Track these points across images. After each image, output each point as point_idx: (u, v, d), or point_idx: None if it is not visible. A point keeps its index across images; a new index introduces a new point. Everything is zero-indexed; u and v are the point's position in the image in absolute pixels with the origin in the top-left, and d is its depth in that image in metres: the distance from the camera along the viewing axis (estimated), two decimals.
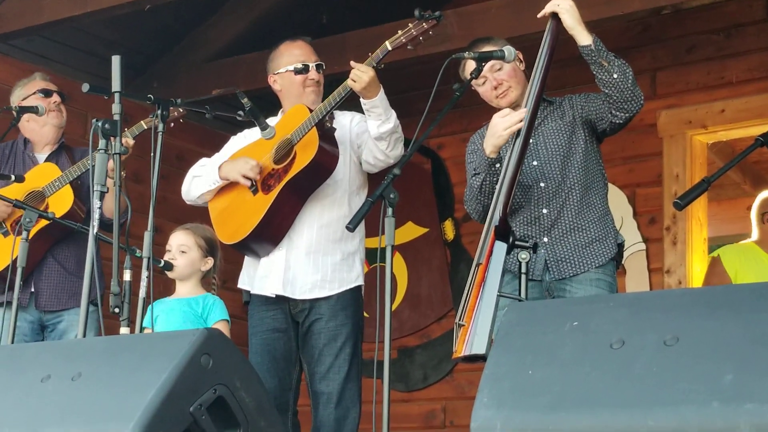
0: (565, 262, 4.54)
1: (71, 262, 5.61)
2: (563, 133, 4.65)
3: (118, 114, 4.25)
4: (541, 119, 4.68)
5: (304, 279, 4.94)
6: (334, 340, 4.89)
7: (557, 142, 4.64)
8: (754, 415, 2.48)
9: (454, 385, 7.24)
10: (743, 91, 6.60)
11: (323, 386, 4.89)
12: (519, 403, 2.77)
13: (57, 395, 3.33)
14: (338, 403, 4.86)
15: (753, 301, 2.69)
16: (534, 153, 4.64)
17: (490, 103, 4.75)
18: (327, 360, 4.89)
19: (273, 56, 5.26)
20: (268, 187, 4.98)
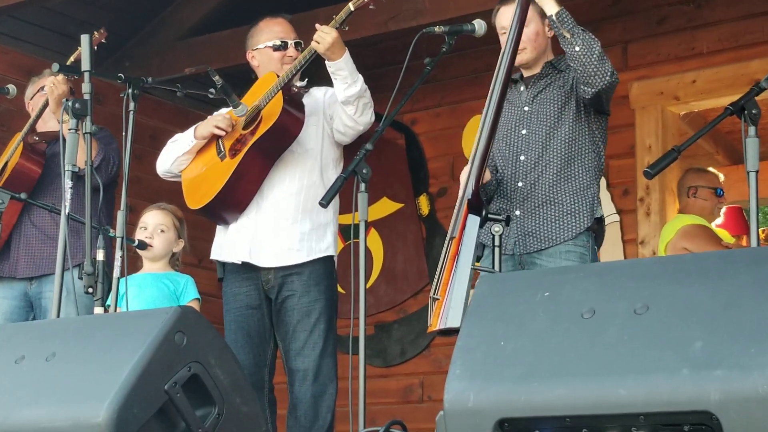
0: (533, 236, 4.54)
1: (50, 226, 5.55)
2: (556, 103, 4.63)
3: (88, 93, 4.24)
4: (545, 86, 4.67)
5: (270, 246, 4.93)
6: (307, 316, 4.88)
7: (547, 111, 4.62)
8: (723, 381, 2.50)
9: (432, 360, 7.26)
10: (714, 61, 6.61)
11: (298, 363, 4.88)
12: (491, 374, 2.79)
13: (31, 376, 3.33)
14: (315, 380, 4.86)
15: (722, 269, 2.71)
16: (526, 121, 4.64)
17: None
18: (301, 336, 4.89)
19: (252, 32, 5.25)
20: (235, 152, 4.98)
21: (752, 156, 3.80)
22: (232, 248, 5.00)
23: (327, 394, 4.88)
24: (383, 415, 4.66)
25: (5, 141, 6.45)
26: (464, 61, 6.94)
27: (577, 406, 2.66)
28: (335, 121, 4.98)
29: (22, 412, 3.24)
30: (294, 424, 4.87)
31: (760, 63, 6.40)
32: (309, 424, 4.85)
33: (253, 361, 4.95)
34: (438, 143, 7.48)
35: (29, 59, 6.85)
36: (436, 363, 7.15)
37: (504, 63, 4.38)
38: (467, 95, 7.04)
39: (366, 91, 4.89)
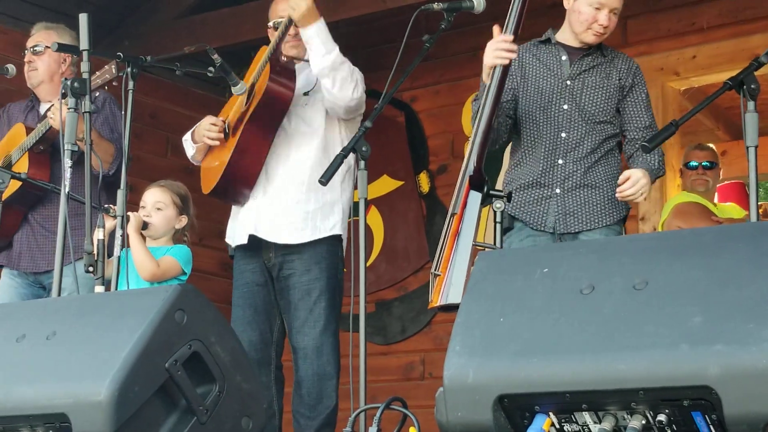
0: (574, 216, 4.58)
1: (51, 222, 5.58)
2: (601, 90, 4.69)
3: (87, 72, 4.23)
4: (590, 66, 4.70)
5: (274, 224, 4.94)
6: (308, 295, 4.89)
7: (593, 95, 4.67)
8: (722, 356, 2.50)
9: (433, 337, 7.27)
10: (714, 36, 6.60)
11: (299, 340, 4.89)
12: (491, 350, 2.79)
13: (32, 354, 3.34)
14: (316, 358, 4.86)
15: (720, 244, 2.71)
16: (568, 96, 4.65)
17: (570, 25, 4.70)
18: (301, 314, 4.89)
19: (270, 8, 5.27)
20: (236, 131, 5.00)
21: (751, 131, 3.80)
22: (241, 230, 5.02)
23: (329, 372, 4.88)
24: (384, 393, 4.66)
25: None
26: (463, 38, 6.92)
27: (576, 382, 2.67)
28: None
29: (23, 390, 3.24)
30: (299, 402, 4.88)
31: (760, 38, 6.39)
32: (314, 402, 4.86)
33: (260, 338, 4.96)
34: (438, 120, 7.47)
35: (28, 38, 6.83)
36: (437, 340, 7.16)
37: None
38: (467, 72, 7.03)
39: (343, 65, 4.86)
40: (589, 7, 4.62)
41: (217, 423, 3.28)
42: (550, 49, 4.74)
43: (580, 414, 2.71)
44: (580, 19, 4.65)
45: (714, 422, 2.56)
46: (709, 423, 2.57)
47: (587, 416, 2.70)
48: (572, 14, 4.68)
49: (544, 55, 4.72)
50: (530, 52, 4.75)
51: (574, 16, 4.67)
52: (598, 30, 4.65)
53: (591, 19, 4.63)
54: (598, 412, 2.68)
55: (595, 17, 4.63)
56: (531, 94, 4.67)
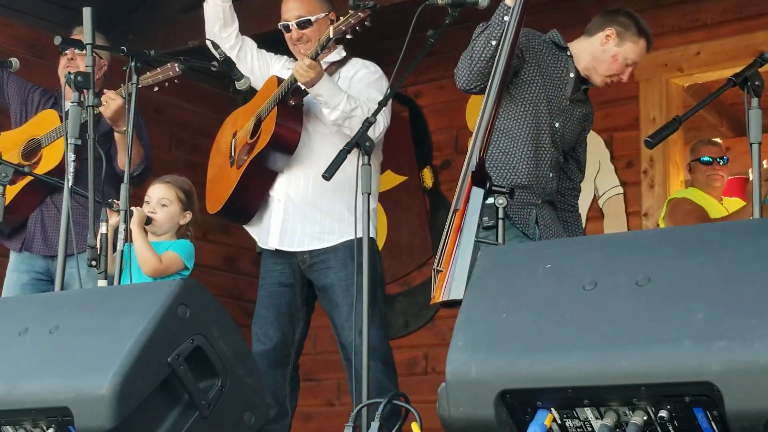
0: (549, 229, 4.59)
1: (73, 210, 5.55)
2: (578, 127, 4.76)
3: (90, 66, 4.23)
4: (580, 99, 4.74)
5: (301, 231, 4.92)
6: (347, 291, 4.82)
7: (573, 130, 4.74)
8: (725, 353, 2.50)
9: (436, 332, 7.27)
10: (718, 33, 6.60)
11: (345, 337, 4.85)
12: (493, 345, 2.79)
13: (35, 348, 3.34)
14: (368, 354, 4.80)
15: (723, 240, 2.71)
16: (562, 117, 4.67)
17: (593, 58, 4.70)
18: (344, 311, 4.84)
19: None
20: (241, 163, 5.01)
21: (755, 128, 3.80)
22: (266, 235, 5.02)
23: (380, 365, 4.83)
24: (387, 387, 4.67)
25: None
26: (468, 33, 6.86)
27: (578, 378, 2.67)
28: None
29: (26, 384, 3.25)
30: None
31: (764, 34, 6.39)
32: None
33: (282, 338, 4.95)
34: (442, 116, 7.47)
35: (32, 32, 6.85)
36: (440, 335, 7.17)
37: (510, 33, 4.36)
38: None
39: (354, 111, 4.83)
40: (624, 63, 4.66)
41: (219, 417, 3.28)
42: (564, 59, 4.71)
43: (581, 410, 2.71)
44: (609, 66, 4.67)
45: (716, 418, 2.56)
46: (710, 419, 2.57)
47: (589, 412, 2.71)
48: (603, 54, 4.66)
49: (557, 61, 4.69)
50: (548, 47, 4.70)
51: (604, 56, 4.66)
52: (612, 82, 4.74)
53: (618, 72, 4.68)
54: (599, 408, 2.68)
55: (621, 71, 4.68)
56: (538, 85, 4.63)
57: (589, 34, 4.74)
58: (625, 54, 4.66)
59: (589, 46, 4.71)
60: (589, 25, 4.78)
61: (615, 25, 4.66)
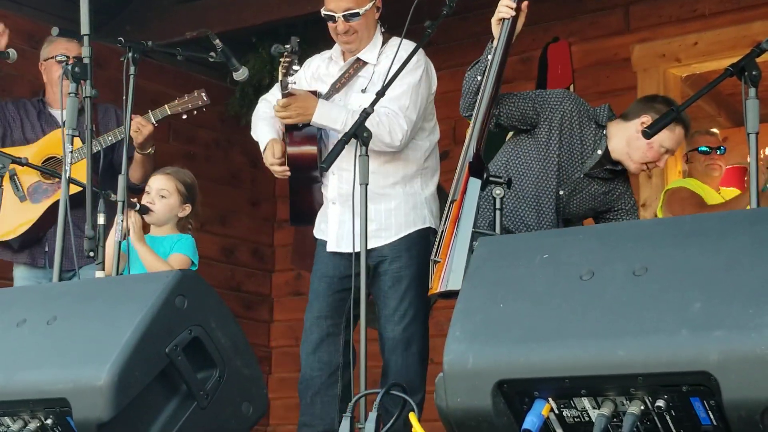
0: None
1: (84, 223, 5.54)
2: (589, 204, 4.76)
3: (87, 57, 4.23)
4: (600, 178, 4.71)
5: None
6: (398, 282, 4.76)
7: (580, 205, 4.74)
8: (722, 342, 2.50)
9: (433, 323, 7.20)
10: (716, 23, 6.59)
11: (387, 330, 4.78)
12: (491, 336, 2.79)
13: (33, 339, 3.34)
14: (404, 350, 4.77)
15: (720, 230, 2.71)
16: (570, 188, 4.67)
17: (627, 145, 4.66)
18: (391, 303, 4.77)
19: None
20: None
21: (752, 118, 3.80)
22: (324, 231, 4.95)
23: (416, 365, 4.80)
24: None
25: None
26: (465, 24, 6.91)
27: (575, 368, 2.67)
28: None
29: (24, 375, 3.25)
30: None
31: (762, 24, 6.38)
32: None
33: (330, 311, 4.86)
34: (439, 107, 7.41)
35: (29, 23, 6.83)
36: (438, 326, 7.12)
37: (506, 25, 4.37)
38: (469, 58, 6.94)
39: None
40: (659, 150, 4.64)
41: (217, 408, 3.29)
42: (599, 135, 4.69)
43: (579, 399, 2.71)
44: (644, 154, 4.65)
45: (713, 408, 2.56)
46: (707, 409, 2.57)
47: (586, 402, 2.71)
48: (638, 141, 4.61)
49: (588, 134, 4.68)
50: (586, 119, 4.68)
51: (639, 143, 4.62)
52: (648, 168, 4.75)
53: (653, 159, 4.66)
54: (597, 398, 2.69)
55: (657, 159, 4.66)
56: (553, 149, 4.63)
57: (626, 119, 4.70)
58: (661, 142, 4.61)
59: (625, 130, 4.67)
60: (627, 110, 4.75)
61: (652, 112, 4.60)
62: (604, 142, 4.65)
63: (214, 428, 3.30)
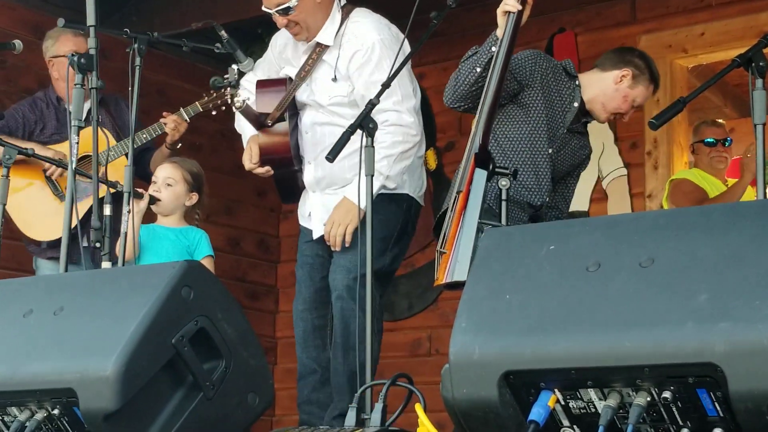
0: None
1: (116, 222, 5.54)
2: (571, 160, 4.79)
3: (93, 48, 4.23)
4: (579, 131, 4.76)
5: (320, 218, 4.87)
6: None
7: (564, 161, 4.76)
8: (728, 334, 2.50)
9: (439, 314, 7.27)
10: (723, 13, 6.57)
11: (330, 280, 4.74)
12: (497, 327, 2.79)
13: (39, 329, 3.35)
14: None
15: (726, 222, 2.71)
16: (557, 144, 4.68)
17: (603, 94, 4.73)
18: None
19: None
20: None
21: (759, 109, 3.79)
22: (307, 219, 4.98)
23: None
24: (391, 369, 4.65)
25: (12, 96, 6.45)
26: (472, 14, 6.90)
27: (582, 359, 2.67)
28: None
29: (31, 365, 3.26)
30: None
31: None
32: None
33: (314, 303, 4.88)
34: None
35: (35, 15, 6.83)
36: (444, 317, 7.17)
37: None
38: None
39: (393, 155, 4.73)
40: (631, 103, 4.74)
41: (223, 399, 3.29)
42: (572, 87, 4.72)
43: (585, 391, 2.71)
44: (619, 105, 4.73)
45: (719, 399, 2.56)
46: (714, 400, 2.57)
47: (592, 393, 2.71)
48: (615, 92, 4.71)
49: (564, 88, 4.70)
50: (557, 72, 4.71)
51: (616, 95, 4.71)
52: (614, 119, 4.83)
53: (625, 111, 4.76)
54: (603, 389, 2.69)
55: (627, 111, 4.76)
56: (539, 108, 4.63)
57: (603, 69, 4.76)
58: (635, 96, 4.73)
59: (601, 81, 4.74)
60: (602, 60, 4.81)
61: (631, 66, 4.71)
62: (578, 92, 4.71)
63: (221, 419, 3.31)
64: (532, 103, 4.60)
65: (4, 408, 3.35)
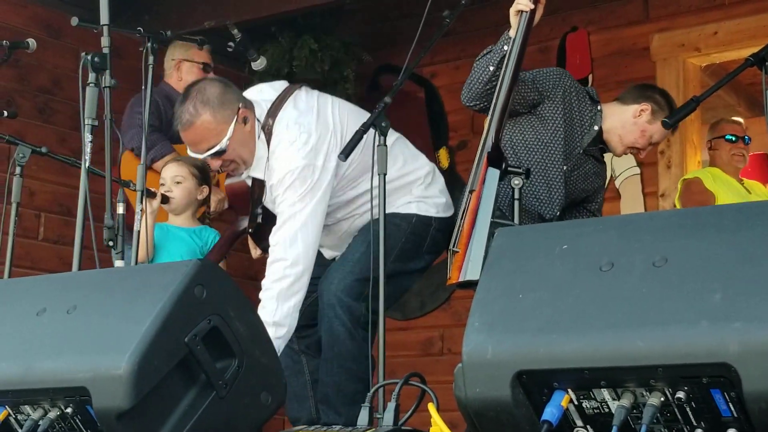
0: None
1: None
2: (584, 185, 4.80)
3: (107, 47, 4.24)
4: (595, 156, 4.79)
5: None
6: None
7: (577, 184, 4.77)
8: (742, 333, 2.49)
9: (452, 313, 7.27)
10: (736, 12, 6.57)
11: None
12: (510, 326, 2.79)
13: (52, 328, 3.35)
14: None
15: (740, 221, 2.70)
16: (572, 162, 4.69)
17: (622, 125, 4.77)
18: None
19: None
20: None
21: None
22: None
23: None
24: (403, 368, 4.66)
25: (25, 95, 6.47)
26: (484, 12, 6.90)
27: (595, 359, 2.66)
28: None
29: (44, 364, 3.26)
30: None
31: None
32: None
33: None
34: (458, 96, 7.39)
35: (48, 13, 6.85)
36: (456, 316, 7.17)
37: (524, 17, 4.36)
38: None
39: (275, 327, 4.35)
40: (648, 139, 4.77)
41: (236, 397, 3.29)
42: (594, 111, 4.76)
43: (598, 391, 2.70)
44: (636, 139, 4.77)
45: (733, 399, 2.55)
46: (728, 400, 2.56)
47: (606, 393, 2.70)
48: (633, 126, 4.76)
49: (586, 110, 4.73)
50: (581, 94, 4.74)
51: (633, 128, 4.76)
52: (628, 153, 4.86)
53: (641, 146, 4.79)
54: (616, 389, 2.68)
55: (644, 147, 4.80)
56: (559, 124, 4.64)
57: (623, 102, 4.81)
58: (653, 132, 4.76)
59: (621, 113, 4.78)
60: (624, 93, 4.87)
61: (651, 102, 4.75)
62: (599, 117, 4.74)
63: (233, 417, 3.31)
64: (551, 116, 4.61)
65: (17, 406, 3.35)
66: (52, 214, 6.82)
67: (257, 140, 4.48)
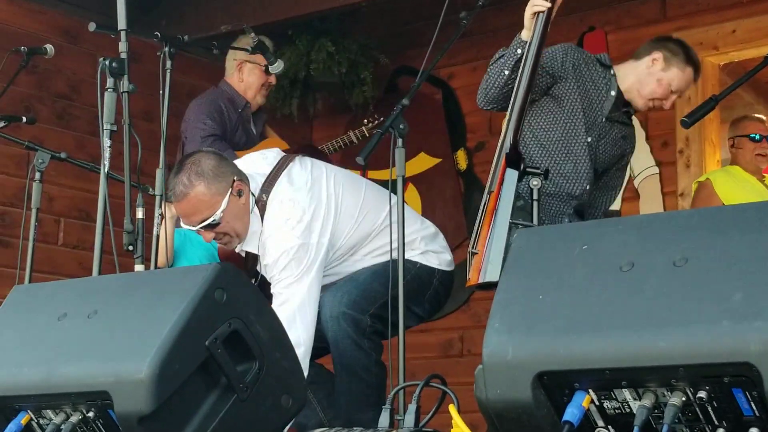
0: None
1: None
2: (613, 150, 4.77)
3: (125, 52, 4.25)
4: (620, 121, 4.76)
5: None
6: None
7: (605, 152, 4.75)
8: (763, 333, 2.48)
9: (471, 314, 7.27)
10: (754, 10, 6.54)
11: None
12: (530, 327, 2.78)
13: (74, 333, 3.36)
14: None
15: (760, 220, 2.69)
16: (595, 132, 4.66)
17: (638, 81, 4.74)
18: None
19: None
20: None
21: None
22: None
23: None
24: (423, 370, 4.66)
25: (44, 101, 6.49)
26: (501, 14, 6.89)
27: (616, 359, 2.66)
28: None
29: (66, 368, 3.27)
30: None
31: None
32: None
33: None
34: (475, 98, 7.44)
35: (66, 19, 6.87)
36: (476, 317, 7.16)
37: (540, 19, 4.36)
38: None
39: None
40: (668, 88, 4.70)
41: (257, 400, 3.29)
42: (607, 77, 4.72)
43: (619, 391, 2.70)
44: (654, 90, 4.71)
45: (755, 399, 2.54)
46: (749, 399, 2.56)
47: (627, 393, 2.70)
48: (648, 77, 4.71)
49: (599, 78, 4.71)
50: (591, 64, 4.72)
51: (649, 79, 4.71)
52: (654, 107, 4.77)
53: (661, 96, 4.71)
54: (638, 389, 2.68)
55: (665, 96, 4.71)
56: (575, 98, 4.63)
57: (637, 58, 4.79)
58: (670, 79, 4.70)
59: (635, 68, 4.76)
60: (638, 50, 4.83)
61: (663, 50, 4.72)
62: (614, 82, 4.72)
63: (254, 421, 3.31)
64: (566, 93, 4.60)
65: (39, 411, 3.37)
66: (72, 219, 6.84)
67: (251, 214, 4.48)
